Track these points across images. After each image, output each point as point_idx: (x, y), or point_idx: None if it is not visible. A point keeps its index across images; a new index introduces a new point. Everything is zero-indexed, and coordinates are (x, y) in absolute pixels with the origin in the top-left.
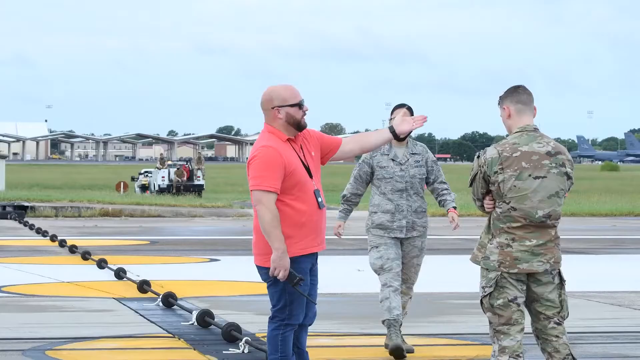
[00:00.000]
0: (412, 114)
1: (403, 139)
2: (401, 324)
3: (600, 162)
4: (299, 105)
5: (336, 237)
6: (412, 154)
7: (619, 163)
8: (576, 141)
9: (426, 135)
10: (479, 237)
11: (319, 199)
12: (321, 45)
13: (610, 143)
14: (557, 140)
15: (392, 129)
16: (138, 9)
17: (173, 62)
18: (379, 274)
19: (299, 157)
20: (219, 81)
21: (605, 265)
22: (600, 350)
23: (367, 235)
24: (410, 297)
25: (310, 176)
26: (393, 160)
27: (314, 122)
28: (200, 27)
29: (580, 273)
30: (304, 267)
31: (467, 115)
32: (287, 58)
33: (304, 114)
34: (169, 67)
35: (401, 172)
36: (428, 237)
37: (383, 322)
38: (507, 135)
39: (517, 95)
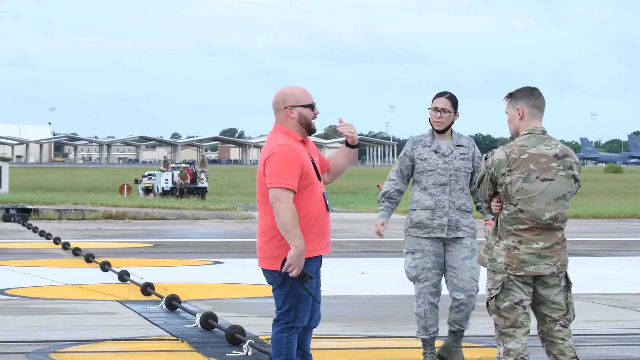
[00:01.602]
0: (452, 103)
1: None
2: (462, 336)
3: (603, 164)
4: (312, 106)
5: (378, 236)
6: (458, 145)
7: (622, 165)
8: (579, 143)
9: None
10: (485, 239)
11: (327, 202)
12: (323, 46)
13: (614, 145)
14: (561, 142)
15: (344, 141)
16: (141, 11)
17: (176, 64)
18: (413, 283)
19: (311, 158)
20: (222, 83)
21: (609, 267)
22: (604, 352)
23: (404, 237)
24: (473, 307)
25: (319, 178)
26: (436, 152)
27: (316, 123)
28: (202, 28)
29: (584, 275)
30: (310, 269)
31: (469, 117)
32: (289, 59)
33: (315, 117)
34: (172, 69)
35: (445, 164)
36: None
37: (420, 338)
38: (511, 137)
39: (534, 99)
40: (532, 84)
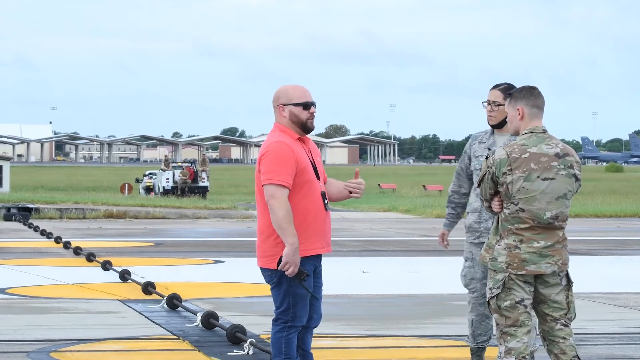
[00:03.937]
0: (506, 95)
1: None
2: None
3: (604, 164)
4: (304, 105)
5: (441, 246)
6: None
7: (623, 164)
8: (580, 142)
9: (430, 136)
10: (486, 238)
11: (325, 201)
12: (324, 47)
13: (615, 144)
14: (562, 141)
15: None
16: (141, 11)
17: (177, 63)
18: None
19: (309, 157)
20: (223, 83)
21: (610, 266)
22: (604, 351)
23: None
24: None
25: (318, 177)
26: (490, 149)
27: (318, 123)
28: (203, 29)
29: (585, 274)
30: (307, 268)
31: (470, 117)
32: (290, 60)
33: (311, 116)
34: (173, 68)
35: None
36: (430, 237)
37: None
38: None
39: (533, 98)
40: (533, 84)
